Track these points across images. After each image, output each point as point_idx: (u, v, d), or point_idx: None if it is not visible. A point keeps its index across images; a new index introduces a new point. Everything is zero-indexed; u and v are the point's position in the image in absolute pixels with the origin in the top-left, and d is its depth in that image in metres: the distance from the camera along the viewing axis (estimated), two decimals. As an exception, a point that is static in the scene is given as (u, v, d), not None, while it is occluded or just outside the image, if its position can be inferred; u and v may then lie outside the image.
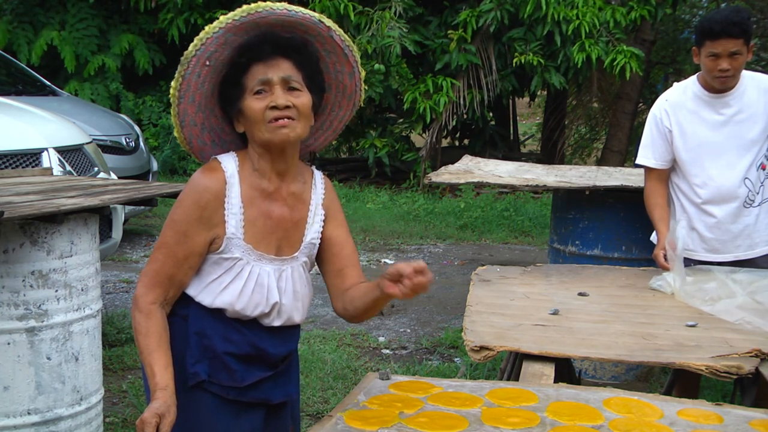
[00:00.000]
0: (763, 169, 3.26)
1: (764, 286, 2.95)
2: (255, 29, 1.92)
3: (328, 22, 1.96)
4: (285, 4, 1.91)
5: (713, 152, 3.24)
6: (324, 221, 2.11)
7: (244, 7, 1.89)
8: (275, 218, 2.01)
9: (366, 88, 2.08)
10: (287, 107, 1.91)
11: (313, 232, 2.08)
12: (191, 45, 1.90)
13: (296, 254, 2.05)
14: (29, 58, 11.12)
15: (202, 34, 1.89)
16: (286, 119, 1.91)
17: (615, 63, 9.89)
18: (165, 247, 1.95)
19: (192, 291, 1.99)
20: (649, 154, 3.36)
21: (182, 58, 1.90)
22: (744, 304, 2.81)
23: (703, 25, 3.16)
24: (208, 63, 1.92)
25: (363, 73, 2.06)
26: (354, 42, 10.74)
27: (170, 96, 1.96)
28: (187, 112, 1.97)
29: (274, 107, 1.90)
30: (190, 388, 1.98)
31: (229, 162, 1.98)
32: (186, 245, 1.93)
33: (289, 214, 2.03)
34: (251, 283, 1.98)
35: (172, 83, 1.93)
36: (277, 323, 2.04)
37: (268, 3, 1.90)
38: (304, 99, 1.94)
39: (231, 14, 1.88)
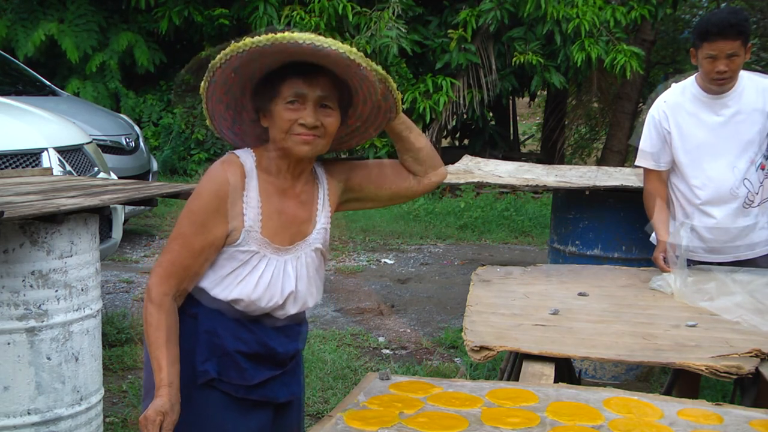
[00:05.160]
0: (763, 169, 3.25)
1: (763, 284, 2.96)
2: (283, 52, 1.87)
3: (360, 59, 1.86)
4: (312, 36, 1.83)
5: (712, 153, 3.24)
6: (343, 195, 2.15)
7: (270, 36, 1.83)
8: (289, 214, 2.04)
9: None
10: (315, 127, 1.93)
11: (323, 218, 2.10)
12: (217, 57, 1.89)
13: (309, 239, 2.07)
14: (26, 51, 11.05)
15: (228, 49, 1.87)
16: (311, 136, 1.94)
17: (615, 62, 9.89)
18: (181, 237, 1.95)
19: (206, 284, 2.00)
20: (648, 155, 3.35)
21: (209, 65, 1.91)
22: (743, 302, 2.82)
23: (700, 27, 3.16)
24: (233, 74, 1.93)
25: (399, 96, 2.05)
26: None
27: (200, 93, 1.97)
28: (216, 110, 2.01)
29: (303, 124, 1.92)
30: (199, 386, 1.99)
31: (247, 157, 2.00)
32: (203, 236, 1.94)
33: (302, 210, 2.06)
34: (267, 276, 2.00)
35: (201, 83, 1.95)
36: (293, 311, 2.05)
37: (295, 34, 1.83)
38: (332, 119, 1.96)
39: (256, 39, 1.84)
